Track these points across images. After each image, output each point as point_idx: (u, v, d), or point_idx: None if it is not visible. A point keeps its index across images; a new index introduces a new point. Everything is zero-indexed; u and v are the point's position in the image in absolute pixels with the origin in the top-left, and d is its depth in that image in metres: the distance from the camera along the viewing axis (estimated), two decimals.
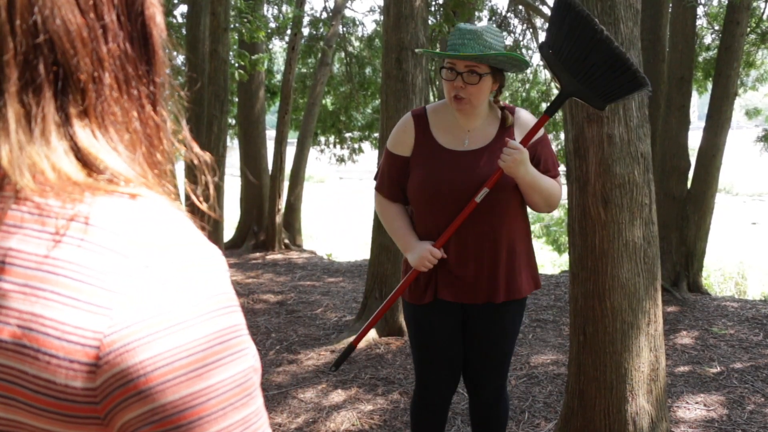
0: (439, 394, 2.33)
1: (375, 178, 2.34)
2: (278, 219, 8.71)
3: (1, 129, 0.48)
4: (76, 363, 0.46)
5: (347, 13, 12.97)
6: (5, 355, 0.47)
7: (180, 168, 0.58)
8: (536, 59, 10.35)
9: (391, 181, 2.22)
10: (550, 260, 11.94)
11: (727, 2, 6.37)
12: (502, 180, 2.08)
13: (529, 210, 2.26)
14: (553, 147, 11.58)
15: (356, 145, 12.67)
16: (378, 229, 4.56)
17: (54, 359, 0.46)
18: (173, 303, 0.48)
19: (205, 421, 0.48)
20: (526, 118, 2.21)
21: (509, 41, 9.75)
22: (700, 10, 7.83)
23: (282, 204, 8.77)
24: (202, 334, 0.49)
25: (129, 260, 0.48)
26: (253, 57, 7.29)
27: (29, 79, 0.49)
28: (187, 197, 0.60)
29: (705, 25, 8.94)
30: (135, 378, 0.47)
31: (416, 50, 2.20)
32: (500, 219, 2.13)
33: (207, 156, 0.59)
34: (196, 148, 0.58)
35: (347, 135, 12.55)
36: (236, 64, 7.24)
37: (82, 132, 0.51)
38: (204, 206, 0.58)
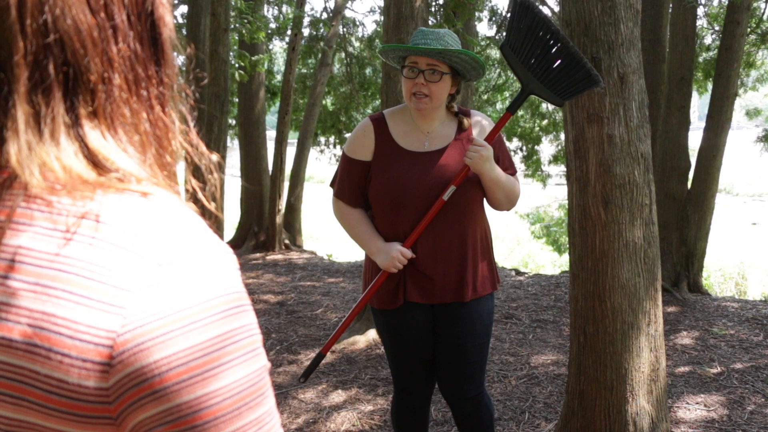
0: (418, 396, 2.35)
1: (331, 185, 2.33)
2: (278, 219, 8.71)
3: (10, 129, 0.48)
4: (89, 362, 0.46)
5: (347, 13, 12.99)
6: (16, 354, 0.46)
7: (180, 168, 0.57)
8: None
9: (352, 186, 2.21)
10: (550, 260, 11.94)
11: (727, 2, 6.37)
12: (466, 177, 2.11)
13: (526, 210, 2.27)
14: (553, 147, 11.55)
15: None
16: None
17: (66, 358, 0.46)
18: (187, 302, 0.48)
19: (221, 421, 0.48)
20: (482, 117, 2.27)
21: None
22: (700, 11, 7.83)
23: (282, 204, 8.76)
24: (216, 333, 0.48)
25: (142, 258, 0.47)
26: (253, 58, 7.29)
27: (39, 79, 0.48)
28: (189, 198, 0.60)
29: (705, 25, 8.94)
30: (149, 378, 0.46)
31: (378, 48, 2.20)
32: (466, 216, 2.15)
33: (215, 156, 0.58)
34: (204, 149, 0.58)
35: (347, 135, 12.54)
36: (236, 65, 7.24)
37: (92, 133, 0.50)
38: (212, 206, 0.58)
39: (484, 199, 2.23)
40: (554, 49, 2.06)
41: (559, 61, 2.07)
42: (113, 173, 0.50)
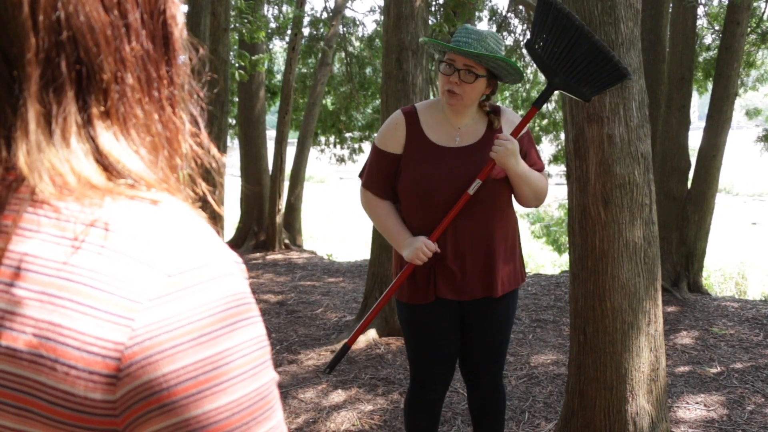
0: (434, 391, 2.35)
1: (360, 176, 2.34)
2: (278, 219, 8.70)
3: (19, 129, 0.46)
4: (96, 375, 0.45)
5: (347, 13, 12.98)
6: (20, 365, 0.45)
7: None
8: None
9: (381, 178, 2.22)
10: (550, 260, 11.94)
11: (727, 2, 6.37)
12: (493, 172, 2.12)
13: (527, 210, 2.29)
14: (553, 147, 11.56)
15: (356, 145, 12.66)
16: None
17: (73, 370, 0.44)
18: (197, 314, 0.47)
19: None
20: (512, 114, 2.28)
21: (509, 41, 9.75)
22: (700, 10, 7.83)
23: (282, 204, 8.76)
24: (226, 346, 0.47)
25: (151, 269, 0.46)
26: (253, 57, 7.29)
27: (50, 77, 0.47)
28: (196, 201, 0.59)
29: (705, 25, 8.94)
30: (158, 392, 0.45)
31: (420, 39, 2.22)
32: (492, 211, 2.16)
33: (222, 159, 0.58)
34: (216, 152, 0.57)
35: (347, 135, 12.54)
36: (236, 65, 7.24)
37: (104, 134, 0.49)
38: (221, 209, 0.57)
39: (512, 196, 2.25)
40: (579, 44, 2.07)
41: (584, 55, 2.08)
42: (123, 179, 0.49)
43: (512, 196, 2.24)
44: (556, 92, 2.25)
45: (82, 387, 0.45)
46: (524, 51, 9.77)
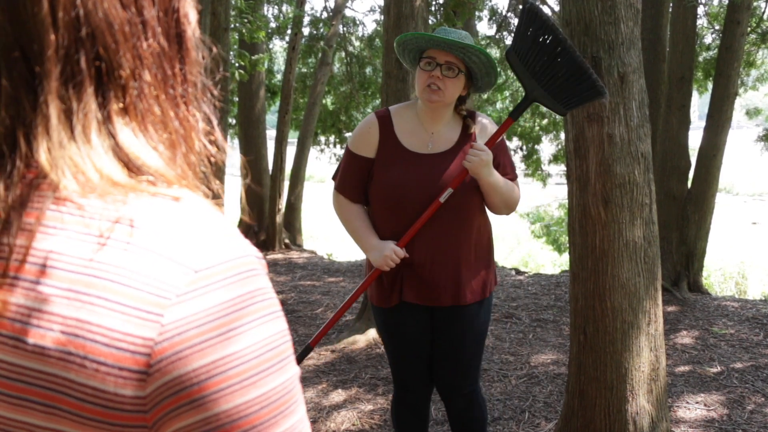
0: (417, 395, 2.36)
1: (333, 178, 2.33)
2: (278, 219, 8.71)
3: (40, 125, 0.46)
4: (126, 371, 0.45)
5: (347, 12, 12.96)
6: (49, 362, 0.45)
7: None
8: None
9: (353, 182, 2.22)
10: (550, 260, 11.93)
11: (727, 2, 6.37)
12: (465, 181, 2.11)
13: (526, 210, 2.29)
14: (553, 147, 11.55)
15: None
16: None
17: (102, 367, 0.45)
18: (225, 309, 0.47)
19: (259, 430, 0.48)
20: (487, 123, 2.27)
21: (509, 41, 9.75)
22: (700, 10, 7.83)
23: (282, 204, 8.76)
24: (253, 340, 0.48)
25: (178, 265, 0.46)
26: (253, 57, 7.29)
27: (70, 74, 0.47)
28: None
29: (705, 24, 8.94)
30: (188, 386, 0.45)
31: (396, 39, 2.20)
32: (463, 220, 2.15)
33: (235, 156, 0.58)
34: (230, 149, 0.57)
35: (347, 135, 12.54)
36: (236, 64, 7.24)
37: (124, 130, 0.49)
38: (222, 209, 0.57)
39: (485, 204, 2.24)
40: (560, 58, 2.06)
41: (564, 70, 2.07)
42: (144, 176, 0.49)
43: (484, 205, 2.24)
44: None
45: (112, 383, 0.45)
46: None
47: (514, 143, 11.36)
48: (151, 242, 0.47)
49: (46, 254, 0.45)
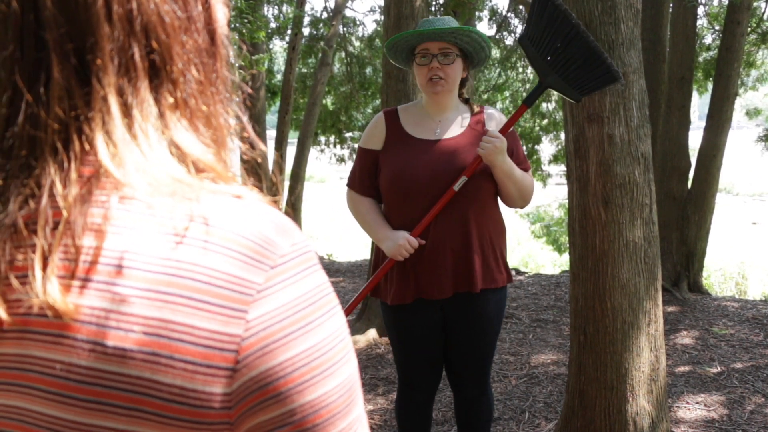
0: (423, 392, 2.35)
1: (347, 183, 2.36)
2: None
3: (97, 120, 0.46)
4: (214, 368, 0.45)
5: (347, 13, 12.98)
6: (131, 365, 0.44)
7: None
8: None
9: (363, 176, 2.24)
10: (550, 260, 11.93)
11: (727, 2, 6.37)
12: (478, 169, 2.11)
13: (528, 209, 2.28)
14: (553, 147, 11.56)
15: (356, 145, 12.64)
16: None
17: (190, 365, 0.44)
18: (302, 303, 0.48)
19: (337, 418, 0.49)
20: (497, 112, 2.28)
21: (509, 41, 9.75)
22: (700, 10, 7.83)
23: (282, 204, 8.76)
24: (328, 332, 0.49)
25: (256, 261, 0.47)
26: (253, 57, 7.29)
27: (125, 69, 0.46)
28: None
29: (705, 25, 8.93)
30: (274, 380, 0.46)
31: (387, 42, 2.21)
32: (475, 208, 2.14)
33: (272, 154, 0.57)
34: (263, 146, 0.57)
35: (347, 135, 12.55)
36: (236, 64, 7.23)
37: (177, 126, 0.49)
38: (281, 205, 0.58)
39: (498, 196, 2.23)
40: (573, 43, 2.05)
41: (578, 56, 2.07)
42: (204, 173, 0.49)
43: (497, 197, 2.23)
44: (553, 93, 2.25)
45: (201, 381, 0.45)
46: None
47: None
48: (227, 239, 0.47)
49: (120, 254, 0.44)
